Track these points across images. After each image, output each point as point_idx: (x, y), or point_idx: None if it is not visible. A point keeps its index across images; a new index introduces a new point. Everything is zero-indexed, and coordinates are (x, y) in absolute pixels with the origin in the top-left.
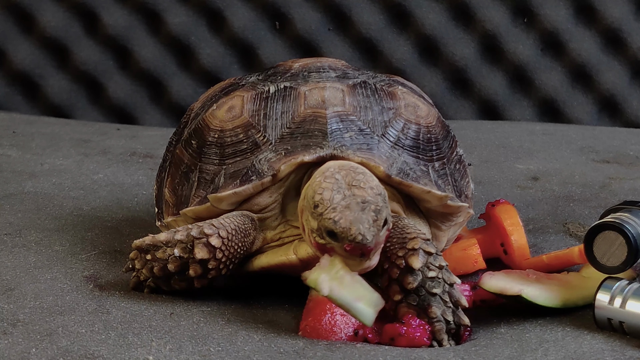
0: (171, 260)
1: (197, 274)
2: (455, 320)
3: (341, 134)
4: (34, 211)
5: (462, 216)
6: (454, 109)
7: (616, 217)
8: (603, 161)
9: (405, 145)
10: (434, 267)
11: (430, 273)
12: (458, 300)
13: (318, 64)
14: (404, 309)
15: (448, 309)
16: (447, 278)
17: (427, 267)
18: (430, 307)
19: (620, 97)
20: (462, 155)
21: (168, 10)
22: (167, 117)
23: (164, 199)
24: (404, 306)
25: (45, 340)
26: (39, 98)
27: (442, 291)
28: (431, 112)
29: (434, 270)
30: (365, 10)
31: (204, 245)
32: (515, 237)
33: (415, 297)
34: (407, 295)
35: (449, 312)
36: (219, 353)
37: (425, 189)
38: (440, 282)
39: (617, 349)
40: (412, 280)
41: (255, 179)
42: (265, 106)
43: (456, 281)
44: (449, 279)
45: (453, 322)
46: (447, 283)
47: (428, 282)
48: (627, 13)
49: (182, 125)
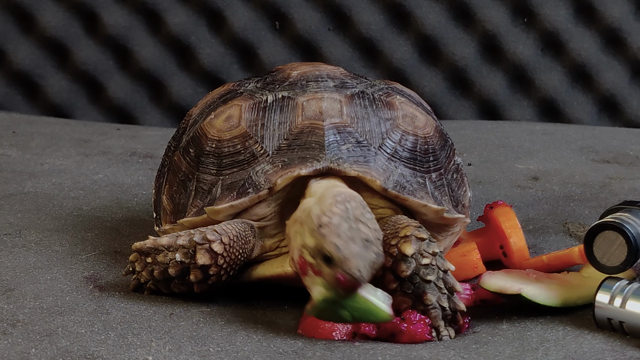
0: (172, 264)
1: (197, 279)
2: (451, 307)
3: (338, 147)
4: (33, 211)
5: (458, 226)
6: (454, 109)
7: (616, 217)
8: (603, 161)
9: (402, 157)
10: (427, 254)
11: (423, 260)
12: (453, 287)
13: (316, 72)
14: (400, 297)
15: (443, 295)
16: (441, 264)
17: (420, 254)
18: (425, 294)
19: (620, 97)
20: (459, 164)
21: (168, 10)
22: (167, 117)
23: (162, 206)
24: (399, 295)
25: (45, 341)
26: (39, 98)
27: (437, 278)
28: (429, 121)
29: (427, 257)
30: (365, 10)
31: (206, 251)
32: (514, 239)
33: (410, 285)
34: (401, 284)
35: (444, 298)
36: (219, 353)
37: (422, 203)
38: (434, 268)
39: (617, 349)
40: (406, 268)
41: (252, 191)
42: (263, 116)
43: (450, 267)
44: (442, 265)
45: (449, 308)
46: (441, 269)
47: (422, 269)
48: (627, 13)
49: (180, 131)
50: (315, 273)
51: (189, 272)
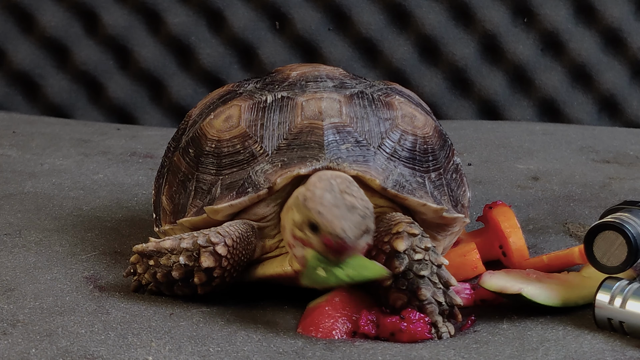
0: (175, 267)
1: (201, 281)
2: (447, 301)
3: (337, 146)
4: (33, 211)
5: (458, 226)
6: (454, 109)
7: (616, 217)
8: (603, 161)
9: (401, 157)
10: (420, 250)
11: (416, 256)
12: (448, 281)
13: (316, 72)
14: (395, 294)
15: (438, 290)
16: (435, 259)
17: (412, 249)
18: (419, 290)
19: (620, 97)
20: (458, 164)
21: (168, 10)
22: (167, 117)
23: (162, 206)
24: (394, 291)
25: (45, 341)
26: (39, 98)
27: (431, 273)
28: (428, 122)
29: (420, 252)
30: (365, 10)
31: (211, 253)
32: (513, 239)
33: (404, 281)
34: (396, 280)
35: (439, 293)
36: (219, 353)
37: (421, 202)
38: (428, 263)
39: (617, 349)
40: (399, 264)
41: (252, 191)
42: (263, 116)
43: (444, 262)
44: (436, 260)
45: (445, 303)
46: (434, 264)
47: (415, 264)
48: (627, 13)
49: (180, 131)
50: (305, 245)
51: (192, 274)
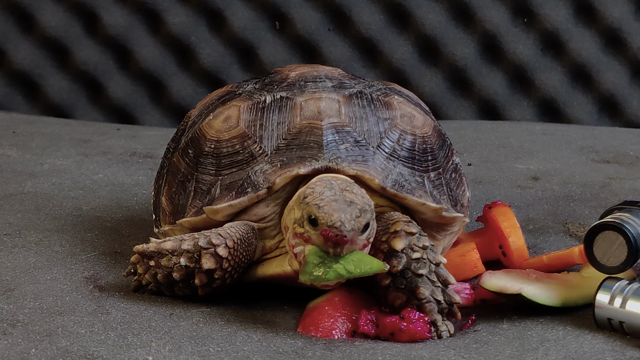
0: (176, 268)
1: (202, 283)
2: (446, 299)
3: (337, 146)
4: (33, 211)
5: (457, 225)
6: (454, 109)
7: (616, 217)
8: (603, 161)
9: (400, 157)
10: (418, 248)
11: (414, 254)
12: (446, 279)
13: (315, 73)
14: (393, 293)
15: (437, 289)
16: (433, 258)
17: (410, 248)
18: (418, 289)
19: (620, 97)
20: (458, 164)
21: (168, 10)
22: (167, 117)
23: (161, 207)
24: (392, 291)
25: (45, 341)
26: (39, 98)
27: (429, 271)
28: (427, 121)
29: (417, 251)
30: (365, 10)
31: (212, 255)
32: (512, 239)
33: (402, 280)
34: (394, 279)
35: (438, 291)
36: (219, 353)
37: (420, 201)
38: (426, 262)
39: (617, 349)
40: (397, 263)
41: (251, 191)
42: (262, 117)
43: (442, 260)
44: (434, 258)
45: (444, 301)
46: (432, 263)
47: (413, 263)
48: (627, 13)
49: (179, 132)
50: (305, 241)
51: (193, 276)
